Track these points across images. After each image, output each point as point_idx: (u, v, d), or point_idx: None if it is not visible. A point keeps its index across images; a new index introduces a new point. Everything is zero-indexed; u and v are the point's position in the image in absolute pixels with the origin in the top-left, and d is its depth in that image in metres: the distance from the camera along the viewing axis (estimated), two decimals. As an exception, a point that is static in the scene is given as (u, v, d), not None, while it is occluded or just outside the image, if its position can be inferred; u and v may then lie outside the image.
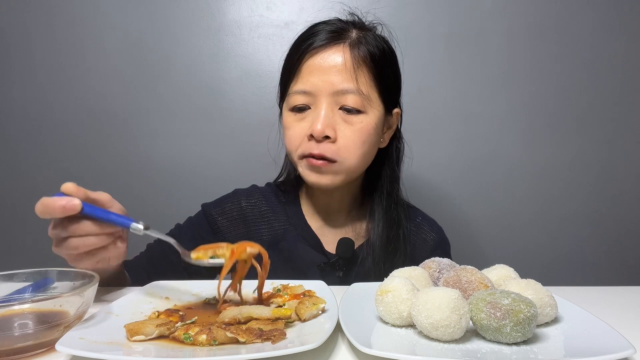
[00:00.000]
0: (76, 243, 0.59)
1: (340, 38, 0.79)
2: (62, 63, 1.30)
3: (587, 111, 1.32)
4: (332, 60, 0.77)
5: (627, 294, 0.70)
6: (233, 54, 1.31)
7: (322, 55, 0.78)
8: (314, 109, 0.78)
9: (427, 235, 0.93)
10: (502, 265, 0.62)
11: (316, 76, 0.77)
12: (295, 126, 0.80)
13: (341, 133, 0.77)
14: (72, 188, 0.59)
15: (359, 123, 0.78)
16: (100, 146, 1.31)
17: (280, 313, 0.54)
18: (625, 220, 1.34)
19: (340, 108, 0.78)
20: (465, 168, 1.32)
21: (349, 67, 0.77)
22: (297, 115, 0.80)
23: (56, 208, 0.56)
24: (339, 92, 0.76)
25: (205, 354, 0.45)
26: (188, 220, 0.93)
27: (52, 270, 0.60)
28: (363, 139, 0.79)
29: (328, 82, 0.76)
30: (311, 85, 0.77)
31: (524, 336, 0.46)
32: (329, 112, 0.77)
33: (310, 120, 0.78)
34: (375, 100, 0.80)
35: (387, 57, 0.83)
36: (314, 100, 0.78)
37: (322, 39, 0.78)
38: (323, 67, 0.77)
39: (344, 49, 0.78)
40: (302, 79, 0.78)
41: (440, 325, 0.46)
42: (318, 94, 0.77)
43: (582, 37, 1.30)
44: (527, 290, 0.53)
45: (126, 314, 0.56)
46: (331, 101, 0.77)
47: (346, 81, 0.76)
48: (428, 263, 0.65)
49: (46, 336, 0.47)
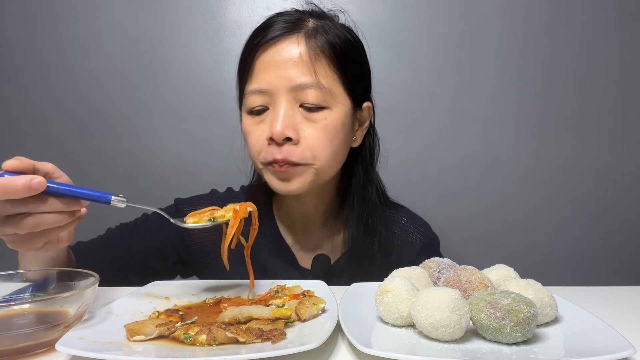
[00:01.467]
0: (34, 221, 0.51)
1: (295, 28, 0.72)
2: (62, 63, 1.30)
3: (587, 111, 1.32)
4: (287, 53, 0.70)
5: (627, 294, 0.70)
6: (233, 54, 1.30)
7: (276, 48, 0.70)
8: (273, 109, 0.71)
9: (413, 238, 0.87)
10: (502, 265, 0.62)
11: (271, 72, 0.70)
12: (255, 130, 0.72)
13: (304, 133, 0.70)
14: (16, 163, 0.51)
15: (323, 120, 0.71)
16: (101, 146, 1.31)
17: (280, 313, 0.54)
18: (625, 220, 1.34)
19: (301, 105, 0.70)
20: (465, 168, 1.32)
21: (306, 58, 0.69)
22: (255, 118, 0.73)
23: (19, 188, 0.48)
24: (297, 88, 0.69)
25: (205, 354, 0.45)
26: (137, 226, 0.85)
27: (52, 270, 0.60)
28: (329, 137, 0.71)
29: (284, 77, 0.69)
30: (266, 83, 0.70)
31: (524, 336, 0.46)
32: (288, 110, 0.70)
33: (269, 122, 0.70)
34: (339, 93, 0.73)
35: (351, 46, 0.76)
36: (272, 99, 0.71)
37: (275, 30, 0.71)
38: (277, 62, 0.70)
39: (299, 39, 0.71)
40: (257, 77, 0.71)
41: (440, 325, 0.46)
42: (275, 92, 0.70)
43: (582, 37, 1.30)
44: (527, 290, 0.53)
45: (126, 314, 0.56)
46: (290, 98, 0.70)
47: (304, 74, 0.69)
48: (428, 263, 0.65)
49: (46, 336, 0.47)
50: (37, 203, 0.51)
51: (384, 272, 0.60)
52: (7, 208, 0.50)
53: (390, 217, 0.88)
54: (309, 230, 0.85)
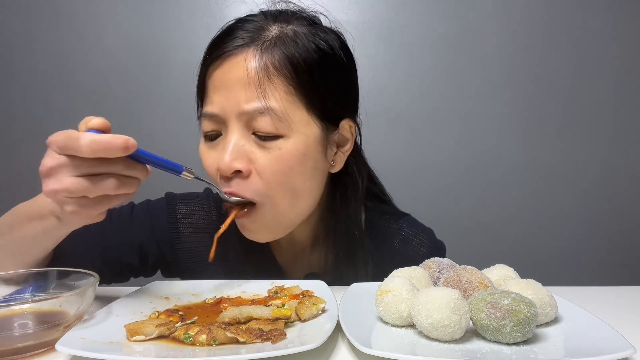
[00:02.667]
0: (116, 183, 0.49)
1: (251, 40, 0.62)
2: (62, 62, 1.30)
3: (587, 111, 1.32)
4: (237, 72, 0.60)
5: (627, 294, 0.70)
6: (233, 54, 1.31)
7: (226, 66, 0.62)
8: (224, 136, 0.63)
9: (416, 251, 0.80)
10: (502, 265, 0.62)
11: (221, 94, 0.61)
12: (209, 157, 0.65)
13: (257, 164, 0.61)
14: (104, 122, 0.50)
15: (277, 150, 0.61)
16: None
17: (280, 313, 0.54)
18: (625, 219, 1.34)
19: (254, 133, 0.61)
20: (465, 168, 1.32)
21: (254, 80, 0.60)
22: (208, 144, 0.66)
23: (119, 146, 0.47)
24: (247, 114, 0.60)
25: (205, 354, 0.45)
26: (145, 205, 0.79)
27: (52, 270, 0.60)
28: (285, 170, 0.62)
29: (233, 100, 0.60)
30: (217, 107, 0.62)
31: (524, 336, 0.46)
32: (239, 140, 0.61)
33: (219, 150, 0.63)
34: (299, 119, 0.62)
35: (323, 58, 0.64)
36: (224, 125, 0.63)
37: (227, 43, 0.62)
38: (227, 82, 0.61)
39: (252, 55, 0.60)
40: (209, 99, 0.63)
41: (440, 325, 0.46)
42: (225, 117, 0.62)
43: (582, 37, 1.30)
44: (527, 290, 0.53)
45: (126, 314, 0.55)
46: (241, 125, 0.61)
47: (252, 99, 0.60)
48: (428, 263, 0.65)
49: (46, 336, 0.47)
50: (124, 164, 0.50)
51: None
52: (94, 166, 0.48)
53: (389, 230, 0.81)
54: (298, 253, 0.79)
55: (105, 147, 0.47)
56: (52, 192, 0.48)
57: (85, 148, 0.46)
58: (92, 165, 0.48)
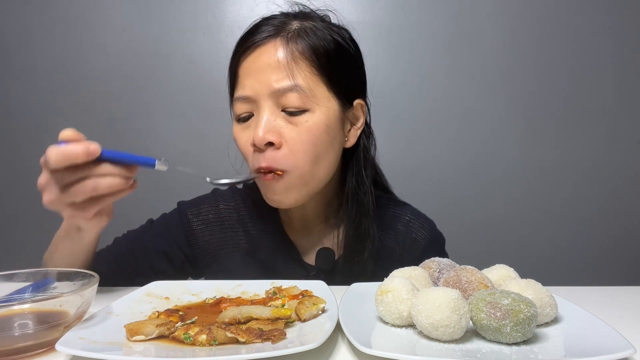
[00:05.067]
0: (93, 184, 0.56)
1: (276, 32, 0.72)
2: (62, 63, 1.30)
3: (586, 111, 1.32)
4: (267, 58, 0.70)
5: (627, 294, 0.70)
6: (233, 54, 1.31)
7: (256, 54, 0.72)
8: (256, 116, 0.72)
9: (418, 234, 0.86)
10: (502, 265, 0.62)
11: (253, 78, 0.71)
12: (242, 137, 0.74)
13: (286, 137, 0.70)
14: (72, 134, 0.56)
15: (305, 122, 0.70)
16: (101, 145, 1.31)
17: (280, 313, 0.54)
18: (625, 219, 1.34)
19: (283, 110, 0.71)
20: (465, 168, 1.32)
21: (284, 62, 0.70)
22: (241, 125, 0.74)
23: (78, 153, 0.54)
24: (278, 93, 0.69)
25: (205, 354, 0.45)
26: (162, 217, 0.88)
27: (52, 270, 0.60)
28: (312, 140, 0.70)
29: (264, 82, 0.70)
30: (249, 90, 0.71)
31: (524, 336, 0.46)
32: (270, 116, 0.70)
33: (253, 129, 0.71)
34: (322, 95, 0.72)
35: (337, 47, 0.75)
36: (256, 106, 0.72)
37: (256, 36, 0.72)
38: (258, 67, 0.71)
39: (279, 44, 0.71)
40: (241, 84, 0.73)
41: (440, 325, 0.46)
42: (257, 98, 0.71)
43: (581, 37, 1.30)
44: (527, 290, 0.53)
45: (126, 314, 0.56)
46: (272, 104, 0.70)
47: (282, 79, 0.69)
48: (428, 263, 0.65)
49: (46, 336, 0.47)
50: (94, 168, 0.56)
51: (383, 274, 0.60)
52: (68, 175, 0.55)
53: (393, 214, 0.87)
54: (310, 228, 0.85)
55: (68, 156, 0.54)
56: (47, 204, 0.57)
57: (51, 160, 0.54)
58: (68, 175, 0.55)
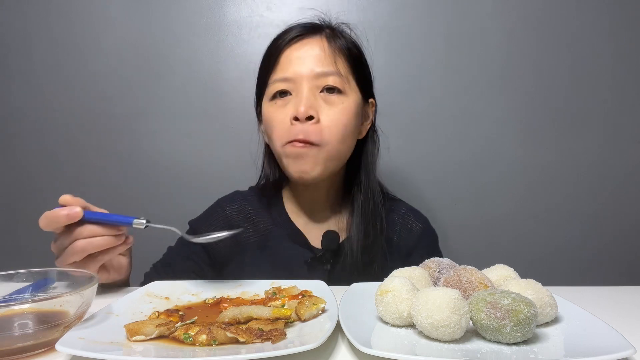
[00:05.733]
0: (82, 244, 0.62)
1: (316, 31, 0.82)
2: (61, 63, 1.30)
3: (585, 111, 1.32)
4: (311, 50, 0.80)
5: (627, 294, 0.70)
6: (233, 54, 1.30)
7: (300, 45, 0.80)
8: (295, 95, 0.79)
9: (413, 225, 0.93)
10: (502, 265, 0.62)
11: (295, 64, 0.79)
12: (278, 113, 0.80)
13: (323, 114, 0.78)
14: (69, 198, 0.64)
15: (341, 104, 0.79)
16: (101, 146, 1.31)
17: (280, 313, 0.54)
18: (625, 219, 1.34)
19: (322, 90, 0.79)
20: (465, 168, 1.32)
21: (328, 53, 0.80)
22: (278, 103, 0.80)
23: (60, 217, 0.61)
24: (320, 75, 0.78)
25: (205, 354, 0.45)
26: (179, 241, 0.93)
27: (52, 270, 0.60)
28: (344, 120, 0.79)
29: (307, 67, 0.78)
30: (291, 72, 0.79)
31: (524, 336, 0.46)
32: (310, 94, 0.78)
33: (292, 105, 0.78)
34: (353, 85, 0.82)
35: (360, 51, 0.87)
36: (295, 86, 0.79)
37: (298, 31, 0.82)
38: (302, 57, 0.79)
39: (321, 39, 0.82)
40: (282, 68, 0.80)
41: (440, 325, 0.46)
42: (298, 79, 0.78)
43: (581, 37, 1.30)
44: (527, 290, 0.53)
45: (126, 314, 0.56)
46: (312, 85, 0.78)
47: (326, 65, 0.79)
48: (428, 263, 0.65)
49: (46, 336, 0.47)
50: (80, 230, 0.63)
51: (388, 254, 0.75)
52: (63, 239, 0.63)
53: (390, 207, 0.93)
54: (318, 214, 0.91)
55: (52, 220, 0.62)
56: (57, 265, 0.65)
57: (40, 225, 0.62)
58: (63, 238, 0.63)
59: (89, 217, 0.63)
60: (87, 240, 0.63)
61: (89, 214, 0.63)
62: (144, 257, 0.87)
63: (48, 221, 0.62)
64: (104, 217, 0.64)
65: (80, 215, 0.62)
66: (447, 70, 1.30)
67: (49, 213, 0.62)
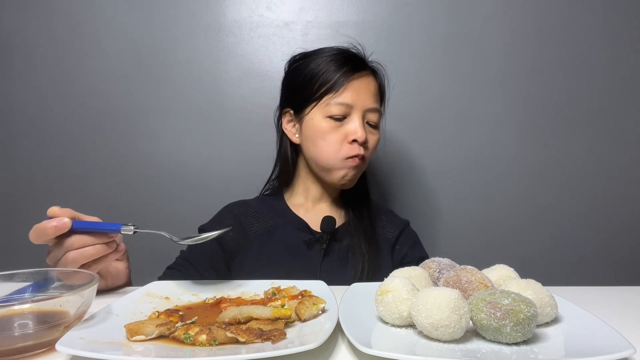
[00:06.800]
0: (73, 256, 0.63)
1: (367, 66, 0.96)
2: (61, 63, 1.29)
3: (585, 111, 1.32)
4: (367, 85, 0.94)
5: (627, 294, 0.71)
6: (233, 54, 1.31)
7: (361, 77, 0.93)
8: (349, 120, 0.92)
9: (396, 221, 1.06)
10: (502, 265, 0.62)
11: (356, 94, 0.92)
12: (336, 132, 0.92)
13: (369, 141, 0.94)
14: (57, 210, 0.64)
15: (377, 134, 0.96)
16: (100, 147, 1.31)
17: (280, 313, 0.54)
18: (625, 219, 1.34)
19: (367, 123, 0.94)
20: (465, 168, 1.32)
21: (376, 91, 0.95)
22: (335, 123, 0.92)
23: (48, 229, 0.61)
24: (369, 110, 0.93)
25: (205, 354, 0.45)
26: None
27: (52, 270, 0.60)
28: (375, 146, 0.97)
29: (364, 100, 0.92)
30: (351, 99, 0.91)
31: (524, 336, 0.46)
32: (364, 125, 0.93)
33: (346, 128, 0.92)
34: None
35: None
36: (350, 112, 0.92)
37: (360, 65, 0.94)
38: (362, 88, 0.93)
39: (372, 76, 0.96)
40: (345, 94, 0.91)
41: (440, 325, 0.46)
42: (355, 107, 0.92)
43: (581, 37, 1.30)
44: (527, 290, 0.53)
45: (126, 314, 0.56)
46: (362, 116, 0.92)
47: (375, 102, 0.94)
48: (428, 263, 0.65)
49: (46, 336, 0.47)
50: (70, 241, 0.64)
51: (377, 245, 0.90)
52: (56, 251, 0.64)
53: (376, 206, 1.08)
54: (316, 205, 1.03)
55: (40, 232, 0.62)
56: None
57: (30, 238, 0.63)
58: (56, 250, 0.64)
59: (77, 227, 0.63)
60: (79, 251, 0.63)
61: (77, 223, 0.63)
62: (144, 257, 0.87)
63: (37, 234, 0.62)
64: (93, 225, 0.64)
65: (68, 226, 0.62)
66: (447, 70, 1.30)
67: (38, 226, 0.62)
